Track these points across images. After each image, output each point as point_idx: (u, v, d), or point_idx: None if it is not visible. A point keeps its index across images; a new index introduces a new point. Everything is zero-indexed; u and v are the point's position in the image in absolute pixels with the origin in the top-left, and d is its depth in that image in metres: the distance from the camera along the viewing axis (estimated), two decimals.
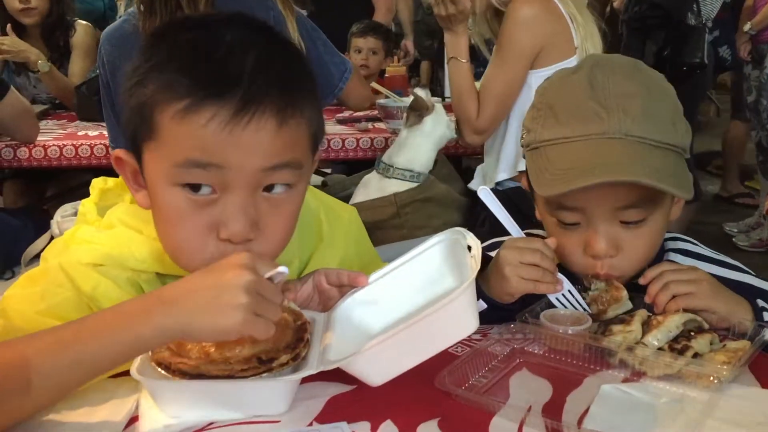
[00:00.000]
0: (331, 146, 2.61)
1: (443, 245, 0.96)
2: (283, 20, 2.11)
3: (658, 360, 0.91)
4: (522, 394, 0.90)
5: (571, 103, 1.06)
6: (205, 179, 0.87)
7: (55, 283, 0.96)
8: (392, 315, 0.94)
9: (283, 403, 0.85)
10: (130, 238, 1.01)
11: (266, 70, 0.88)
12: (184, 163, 0.87)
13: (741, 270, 1.19)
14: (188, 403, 0.84)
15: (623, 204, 1.04)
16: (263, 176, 0.89)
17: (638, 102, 1.03)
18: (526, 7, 2.07)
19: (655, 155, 1.02)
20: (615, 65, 1.09)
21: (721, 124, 7.39)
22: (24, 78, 3.32)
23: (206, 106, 0.85)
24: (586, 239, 1.07)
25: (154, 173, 0.91)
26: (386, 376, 0.84)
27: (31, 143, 2.51)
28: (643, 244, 1.08)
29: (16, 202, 3.08)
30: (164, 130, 0.88)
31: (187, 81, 0.86)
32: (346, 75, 2.27)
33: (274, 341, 0.85)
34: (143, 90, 0.89)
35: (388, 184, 2.24)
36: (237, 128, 0.85)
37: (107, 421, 0.85)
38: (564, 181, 1.02)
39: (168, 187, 0.89)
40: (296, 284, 1.04)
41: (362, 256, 1.25)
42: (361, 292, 0.97)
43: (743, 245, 4.17)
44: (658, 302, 1.01)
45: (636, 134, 1.02)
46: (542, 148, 1.08)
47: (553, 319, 1.01)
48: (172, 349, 0.84)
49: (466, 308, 0.82)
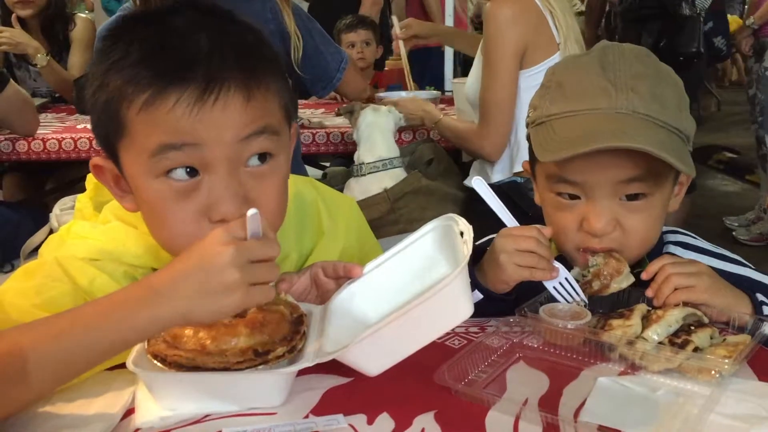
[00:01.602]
0: (330, 140, 2.61)
1: (436, 232, 0.96)
2: (279, 11, 2.11)
3: (658, 354, 0.91)
4: (519, 387, 0.90)
5: (581, 81, 1.07)
6: (183, 160, 0.87)
7: (52, 277, 0.96)
8: (389, 304, 0.93)
9: (278, 395, 0.84)
10: (125, 234, 1.01)
11: (221, 47, 0.88)
12: (157, 149, 0.86)
13: (741, 263, 1.19)
14: (184, 395, 0.83)
15: (626, 177, 1.04)
16: (241, 148, 0.89)
17: (647, 83, 1.05)
18: (504, 8, 2.07)
19: (661, 132, 1.03)
20: (626, 49, 1.10)
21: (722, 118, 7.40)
22: (24, 71, 3.31)
23: (169, 92, 0.85)
24: (585, 215, 1.07)
25: (134, 170, 0.91)
26: (383, 366, 0.84)
27: (31, 136, 2.51)
28: (640, 225, 1.08)
29: (15, 195, 3.08)
30: (133, 124, 0.88)
31: (146, 72, 0.86)
32: (342, 65, 2.28)
33: (271, 334, 0.84)
34: (106, 90, 0.89)
35: (367, 183, 2.29)
36: (205, 108, 0.86)
37: (103, 413, 0.84)
38: (570, 147, 1.02)
39: (150, 180, 0.89)
40: (293, 277, 1.05)
41: (363, 245, 1.25)
42: (357, 283, 0.97)
43: (743, 239, 4.17)
44: (659, 295, 1.01)
45: (644, 112, 1.03)
46: (548, 122, 1.08)
47: (552, 314, 1.00)
48: (168, 341, 0.84)
49: (459, 294, 0.82)
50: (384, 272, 0.97)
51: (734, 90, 7.93)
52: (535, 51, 2.09)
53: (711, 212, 4.44)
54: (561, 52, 2.10)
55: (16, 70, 3.28)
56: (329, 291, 1.01)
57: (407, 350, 0.84)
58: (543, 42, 2.09)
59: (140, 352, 0.85)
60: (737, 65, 8.51)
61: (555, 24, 2.10)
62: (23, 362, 0.77)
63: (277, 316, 0.87)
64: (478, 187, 1.10)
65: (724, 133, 6.56)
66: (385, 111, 2.41)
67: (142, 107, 0.86)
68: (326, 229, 1.18)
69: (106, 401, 0.87)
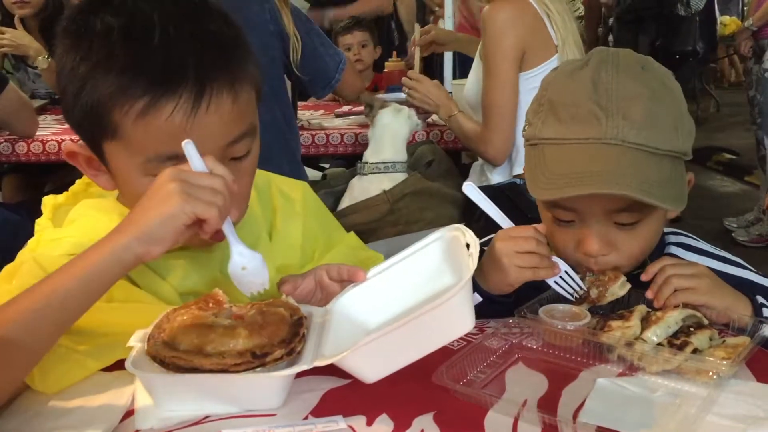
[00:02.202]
0: (330, 141, 2.61)
1: (442, 242, 0.96)
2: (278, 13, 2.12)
3: (657, 356, 0.91)
4: (518, 388, 0.90)
5: (572, 102, 1.05)
6: (177, 165, 0.89)
7: (31, 275, 0.95)
8: (390, 311, 0.93)
9: (276, 398, 0.85)
10: (95, 224, 1.01)
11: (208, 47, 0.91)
12: (156, 157, 0.90)
13: (741, 266, 1.18)
14: (183, 397, 0.84)
15: (615, 208, 1.04)
16: (228, 150, 0.94)
17: (640, 106, 1.02)
18: (501, 12, 2.08)
19: (650, 163, 1.01)
20: (622, 64, 1.06)
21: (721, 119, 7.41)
22: (23, 73, 3.32)
23: (165, 100, 0.88)
24: (580, 237, 1.07)
25: (122, 165, 0.94)
26: (380, 374, 0.84)
27: (30, 138, 2.51)
28: (637, 244, 1.08)
29: (14, 196, 3.08)
30: (127, 130, 0.90)
31: (139, 81, 0.88)
32: (341, 66, 2.29)
33: (270, 336, 0.84)
34: (93, 93, 0.89)
35: (368, 182, 2.30)
36: (200, 113, 0.89)
37: (103, 415, 0.84)
38: (556, 188, 1.03)
39: (141, 178, 0.92)
40: (297, 279, 1.04)
41: (326, 226, 1.27)
42: (359, 288, 0.97)
43: (743, 240, 4.17)
44: (659, 296, 1.01)
45: (633, 141, 1.01)
46: (540, 146, 1.08)
47: (551, 315, 1.00)
48: (167, 343, 0.84)
49: (461, 307, 0.81)
50: (387, 279, 0.97)
51: (733, 91, 7.93)
52: (533, 53, 2.09)
53: (710, 213, 4.44)
54: (560, 54, 2.10)
55: (15, 72, 3.28)
56: (334, 293, 1.01)
57: (405, 360, 0.84)
58: (541, 44, 2.10)
59: (139, 354, 0.85)
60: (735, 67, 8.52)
61: (553, 26, 2.10)
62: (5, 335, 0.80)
63: (276, 318, 0.87)
64: (469, 193, 1.10)
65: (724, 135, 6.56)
66: (405, 116, 2.37)
67: (139, 116, 0.88)
68: (279, 206, 1.18)
69: (106, 403, 0.87)
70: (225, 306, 0.91)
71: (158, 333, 0.86)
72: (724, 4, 6.40)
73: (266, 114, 2.12)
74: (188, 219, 0.83)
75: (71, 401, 0.88)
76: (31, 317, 0.82)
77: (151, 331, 0.87)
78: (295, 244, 1.17)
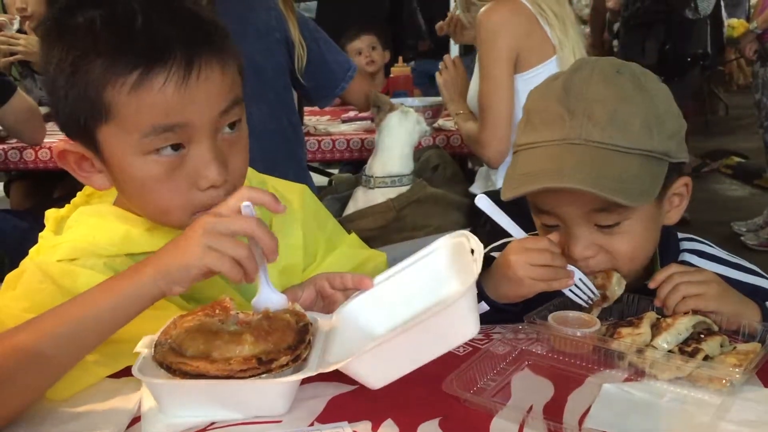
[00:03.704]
0: (336, 146, 2.61)
1: (448, 247, 0.96)
2: (284, 20, 2.12)
3: (668, 363, 0.90)
4: (524, 394, 0.89)
5: (543, 107, 1.08)
6: (174, 139, 0.93)
7: (35, 280, 0.97)
8: (397, 318, 0.93)
9: (282, 404, 0.85)
10: (92, 228, 1.03)
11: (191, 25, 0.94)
12: (150, 130, 0.91)
13: (757, 273, 1.18)
14: (189, 403, 0.84)
15: (590, 208, 1.04)
16: (220, 120, 0.96)
17: (606, 107, 1.03)
18: (494, 15, 2.09)
19: (613, 162, 1.01)
20: (597, 69, 1.07)
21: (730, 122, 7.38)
22: (30, 80, 3.33)
23: (155, 72, 0.89)
24: (566, 241, 1.08)
25: (118, 150, 0.95)
26: (385, 380, 0.84)
27: (38, 145, 2.52)
28: (623, 247, 1.08)
29: (22, 203, 3.09)
30: (120, 107, 0.91)
31: (127, 56, 0.90)
32: (350, 74, 2.27)
33: (276, 342, 0.84)
34: (84, 78, 0.91)
35: (373, 196, 2.27)
36: (191, 83, 0.91)
37: (111, 420, 0.85)
38: (514, 187, 1.05)
39: (139, 159, 0.94)
40: (296, 291, 1.04)
41: (325, 228, 1.28)
42: (365, 295, 0.97)
43: (752, 244, 4.15)
44: (668, 304, 1.00)
45: (597, 140, 1.02)
46: (517, 153, 1.11)
47: (561, 322, 1.00)
48: (174, 349, 0.84)
49: (466, 313, 0.81)
50: (393, 285, 0.97)
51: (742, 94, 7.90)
52: (529, 55, 2.09)
53: (719, 217, 4.42)
54: (558, 54, 2.10)
55: (22, 80, 3.30)
56: (336, 302, 1.01)
57: (410, 365, 0.83)
58: (536, 46, 2.10)
59: (146, 360, 0.85)
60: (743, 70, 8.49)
61: (549, 28, 2.10)
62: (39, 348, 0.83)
63: (282, 324, 0.88)
64: (481, 205, 1.10)
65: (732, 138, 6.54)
66: (413, 121, 2.32)
67: (132, 90, 0.90)
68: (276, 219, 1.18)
69: (114, 408, 0.88)
70: (232, 312, 0.91)
71: (165, 339, 0.86)
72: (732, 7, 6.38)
73: (272, 122, 2.12)
74: (200, 272, 0.86)
75: (79, 407, 0.88)
76: (61, 336, 0.84)
77: (158, 337, 0.87)
78: (296, 243, 1.18)
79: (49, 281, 0.96)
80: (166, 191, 0.96)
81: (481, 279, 1.10)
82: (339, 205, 2.40)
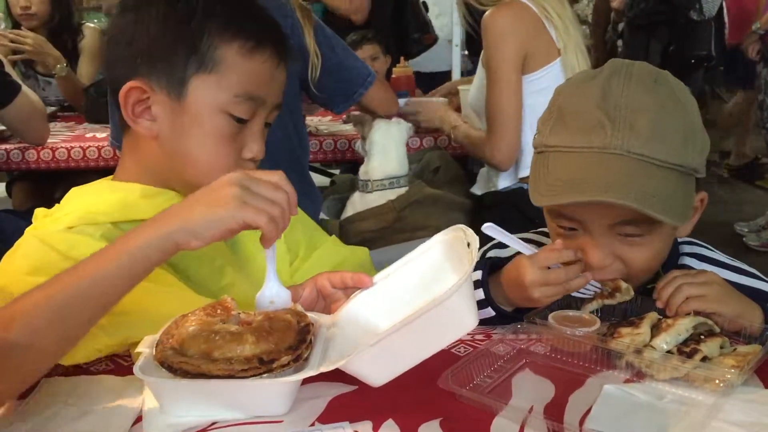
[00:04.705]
0: (338, 147, 2.62)
1: (445, 243, 0.96)
2: (300, 28, 2.11)
3: (665, 363, 0.90)
4: (524, 394, 0.90)
5: (580, 110, 1.04)
6: (251, 110, 1.06)
7: (33, 248, 0.99)
8: (397, 315, 0.93)
9: (283, 404, 0.85)
10: (86, 201, 1.07)
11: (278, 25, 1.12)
12: (243, 94, 1.05)
13: (757, 277, 1.17)
14: (190, 403, 0.84)
15: (619, 220, 1.03)
16: (273, 111, 1.11)
17: (648, 117, 1.01)
18: (500, 18, 2.08)
19: (654, 176, 1.00)
20: (634, 75, 1.04)
21: None
22: (33, 81, 3.33)
23: (266, 47, 1.05)
24: (583, 247, 1.06)
25: (207, 100, 1.05)
26: (387, 377, 0.84)
27: (41, 145, 2.53)
28: (641, 258, 1.07)
29: (24, 203, 3.10)
30: (229, 65, 1.04)
31: (252, 24, 1.06)
32: (369, 80, 2.24)
33: (277, 342, 0.85)
34: (197, 31, 1.03)
35: (371, 200, 2.27)
36: (279, 69, 1.08)
37: (115, 420, 0.85)
38: (554, 194, 1.03)
39: (216, 113, 1.05)
40: (297, 290, 1.04)
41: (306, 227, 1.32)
42: (365, 293, 0.97)
43: (754, 245, 4.14)
44: (671, 305, 1.00)
45: (638, 152, 1.00)
46: (546, 153, 1.08)
47: (561, 321, 1.00)
48: (176, 348, 0.85)
49: (463, 304, 0.82)
50: (392, 283, 0.97)
51: None
52: (535, 57, 2.09)
53: (721, 218, 4.42)
54: (562, 57, 2.10)
55: (25, 80, 3.30)
56: (338, 300, 1.01)
57: (411, 361, 0.84)
58: (542, 47, 2.10)
59: (147, 360, 0.86)
60: None
61: (554, 30, 2.11)
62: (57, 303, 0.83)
63: (283, 324, 0.88)
64: (490, 233, 1.08)
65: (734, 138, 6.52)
66: (395, 122, 2.37)
67: (246, 54, 1.04)
68: None
69: (118, 408, 0.88)
70: (233, 312, 0.91)
71: (167, 339, 0.86)
72: None
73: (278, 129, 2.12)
74: (237, 225, 0.86)
75: (83, 406, 0.88)
76: (71, 298, 0.83)
77: (160, 337, 0.87)
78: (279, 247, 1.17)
79: (47, 248, 0.98)
80: (222, 149, 1.06)
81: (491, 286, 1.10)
82: (341, 206, 2.40)
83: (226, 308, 0.91)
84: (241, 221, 0.85)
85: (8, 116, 2.41)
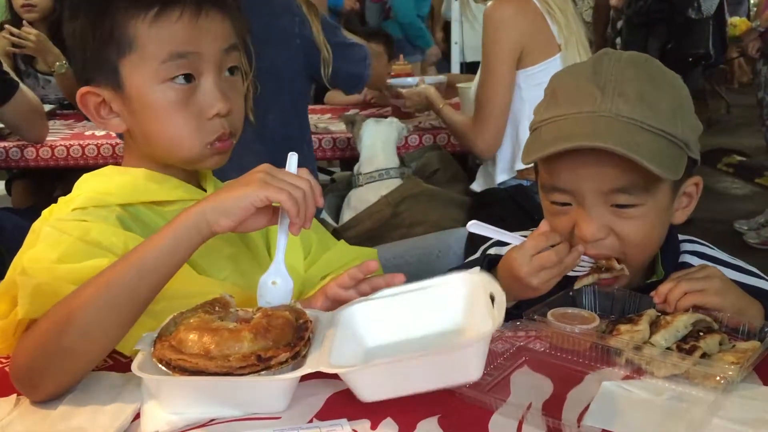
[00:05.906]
0: (337, 145, 2.62)
1: (466, 283, 0.95)
2: (308, 24, 2.12)
3: (665, 360, 0.90)
4: (523, 391, 0.89)
5: (572, 87, 1.08)
6: (186, 67, 1.05)
7: (53, 236, 1.00)
8: (389, 335, 0.94)
9: (281, 401, 0.85)
10: (95, 185, 1.10)
11: None
12: (168, 57, 1.04)
13: (757, 275, 1.17)
14: (188, 400, 0.84)
15: (611, 187, 1.04)
16: (224, 58, 1.09)
17: (637, 86, 1.04)
18: (501, 9, 2.10)
19: (643, 135, 1.02)
20: (624, 56, 1.09)
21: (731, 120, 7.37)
22: (33, 79, 3.33)
23: (171, 8, 1.04)
24: (577, 221, 1.07)
25: (140, 79, 1.06)
26: (378, 396, 0.83)
27: (40, 143, 2.53)
28: (635, 232, 1.07)
29: (23, 201, 3.10)
30: (142, 38, 1.04)
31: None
32: (368, 61, 2.33)
33: (275, 339, 0.85)
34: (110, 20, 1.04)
35: (364, 193, 2.33)
36: (201, 19, 1.05)
37: (114, 417, 0.85)
38: (543, 148, 1.05)
39: (156, 86, 1.05)
40: (308, 304, 1.04)
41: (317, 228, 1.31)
42: (369, 304, 0.97)
43: (753, 243, 4.14)
44: (670, 299, 1.00)
45: (627, 115, 1.02)
46: (539, 128, 1.10)
47: (560, 318, 1.00)
48: (174, 346, 0.85)
49: (476, 357, 0.82)
50: (399, 302, 0.97)
51: (744, 92, 7.90)
52: (533, 51, 2.10)
53: (720, 216, 4.41)
54: (563, 53, 2.11)
55: (24, 78, 3.29)
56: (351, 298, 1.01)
57: (405, 391, 0.83)
58: (542, 42, 2.11)
59: (146, 357, 0.86)
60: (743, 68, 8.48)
61: (555, 25, 2.11)
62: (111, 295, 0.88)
63: (281, 321, 0.88)
64: (476, 230, 1.10)
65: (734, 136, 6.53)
66: (387, 122, 2.44)
67: (153, 20, 1.03)
68: None
69: (117, 404, 0.88)
70: (231, 309, 0.91)
71: (165, 336, 0.86)
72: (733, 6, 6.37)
73: (284, 127, 2.14)
74: (259, 201, 0.92)
75: (82, 403, 0.88)
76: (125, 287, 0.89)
77: (158, 334, 0.87)
78: (294, 240, 1.18)
79: (65, 235, 1.00)
80: (180, 118, 1.06)
81: None
82: (340, 203, 2.42)
83: (225, 305, 0.91)
84: (263, 197, 0.91)
85: (7, 114, 2.41)
